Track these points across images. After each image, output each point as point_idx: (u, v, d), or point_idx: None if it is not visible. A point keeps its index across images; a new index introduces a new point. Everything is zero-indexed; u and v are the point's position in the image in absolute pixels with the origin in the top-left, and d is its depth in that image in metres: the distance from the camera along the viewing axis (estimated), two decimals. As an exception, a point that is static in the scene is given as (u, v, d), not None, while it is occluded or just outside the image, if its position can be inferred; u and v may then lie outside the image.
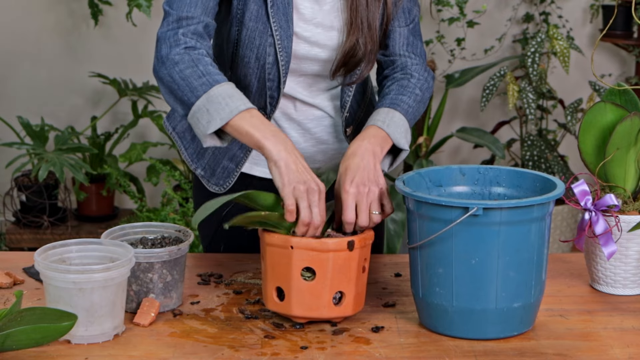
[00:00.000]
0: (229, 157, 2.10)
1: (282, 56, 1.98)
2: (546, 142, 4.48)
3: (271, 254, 1.76)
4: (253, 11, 1.97)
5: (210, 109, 1.83)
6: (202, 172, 2.13)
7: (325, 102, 2.09)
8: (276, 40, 1.98)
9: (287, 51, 1.99)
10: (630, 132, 1.90)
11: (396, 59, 2.09)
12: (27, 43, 4.62)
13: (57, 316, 1.59)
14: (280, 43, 1.98)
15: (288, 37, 1.98)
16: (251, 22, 1.97)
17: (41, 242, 4.23)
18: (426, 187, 1.86)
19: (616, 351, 1.70)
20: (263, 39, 1.98)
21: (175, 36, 1.89)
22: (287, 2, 1.97)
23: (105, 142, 4.54)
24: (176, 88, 1.87)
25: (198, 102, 1.84)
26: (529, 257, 1.72)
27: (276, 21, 1.97)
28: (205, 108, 1.83)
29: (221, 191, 2.11)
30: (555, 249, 4.41)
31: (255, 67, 2.01)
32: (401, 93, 2.03)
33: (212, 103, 1.83)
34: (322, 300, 1.75)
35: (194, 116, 1.85)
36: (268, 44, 1.98)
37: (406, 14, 2.07)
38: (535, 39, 4.43)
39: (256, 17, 1.97)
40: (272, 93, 2.02)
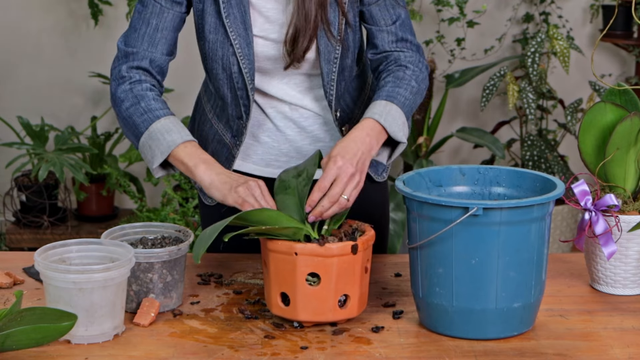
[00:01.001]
0: None
1: (244, 63, 2.00)
2: (546, 142, 4.48)
3: (275, 260, 1.76)
4: (211, 24, 2.00)
5: (152, 145, 1.93)
6: (198, 186, 2.15)
7: (313, 102, 2.09)
8: (236, 48, 1.99)
9: (249, 58, 1.99)
10: (630, 132, 1.90)
11: (388, 54, 2.08)
12: (27, 43, 4.62)
13: (57, 316, 1.59)
14: (241, 50, 1.99)
15: (248, 44, 1.99)
16: (211, 34, 2.01)
17: (41, 242, 4.23)
18: (426, 187, 1.86)
19: (616, 351, 1.70)
20: (225, 49, 2.00)
21: (120, 72, 1.98)
22: (243, 10, 1.98)
23: (105, 142, 4.54)
24: (124, 124, 1.97)
25: (142, 139, 1.95)
26: (529, 257, 1.72)
27: (233, 30, 1.98)
28: (148, 144, 1.94)
29: (213, 203, 2.16)
30: (555, 249, 4.41)
31: (224, 78, 2.03)
32: (397, 85, 2.01)
33: (152, 139, 1.93)
34: (327, 304, 1.75)
35: (141, 151, 1.95)
36: (230, 53, 2.00)
37: (390, 13, 2.06)
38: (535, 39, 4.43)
39: (215, 29, 2.00)
40: (244, 101, 2.04)
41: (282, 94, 2.07)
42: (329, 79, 2.04)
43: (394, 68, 2.06)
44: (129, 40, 1.99)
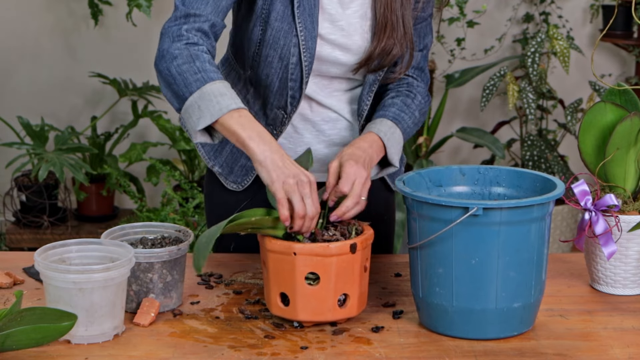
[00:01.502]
0: (246, 155, 2.09)
1: (305, 57, 1.98)
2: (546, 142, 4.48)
3: (273, 261, 1.76)
4: (279, 11, 1.97)
5: (201, 106, 1.83)
6: (219, 169, 2.13)
7: (341, 104, 2.09)
8: (300, 41, 1.97)
9: (311, 52, 1.99)
10: (630, 132, 1.90)
11: (404, 78, 2.12)
12: (27, 43, 4.62)
13: (57, 316, 1.59)
14: (305, 44, 1.98)
15: (312, 38, 1.98)
16: (277, 22, 1.97)
17: (41, 242, 4.23)
18: (426, 187, 1.86)
19: (616, 351, 1.70)
20: (287, 39, 1.98)
21: (179, 31, 1.89)
22: (313, 3, 1.97)
23: (105, 142, 4.54)
24: (172, 82, 1.87)
25: (191, 98, 1.84)
26: (529, 257, 1.72)
27: (302, 22, 1.97)
28: (197, 104, 1.83)
29: (239, 189, 2.12)
30: (555, 249, 4.41)
31: (278, 67, 2.01)
32: (403, 111, 2.06)
33: (203, 100, 1.83)
34: (327, 303, 1.75)
35: (186, 111, 1.85)
36: (292, 44, 1.98)
37: (421, 39, 2.10)
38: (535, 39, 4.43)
39: (282, 18, 1.97)
40: (294, 93, 2.02)
41: (310, 92, 2.06)
42: (369, 89, 2.07)
43: (404, 91, 2.10)
44: (192, 2, 1.91)
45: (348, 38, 2.02)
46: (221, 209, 2.14)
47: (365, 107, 2.08)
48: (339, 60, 2.03)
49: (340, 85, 2.08)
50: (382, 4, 2.01)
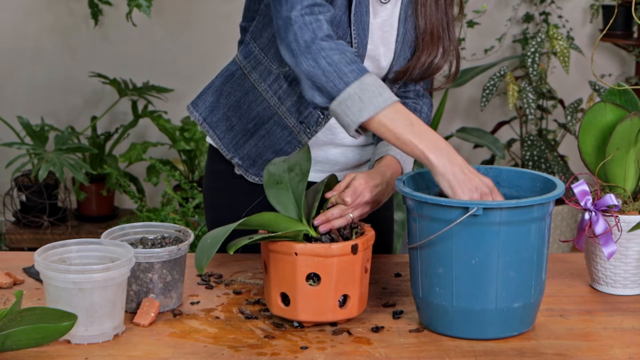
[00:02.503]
0: (274, 150, 2.08)
1: None
2: (546, 142, 4.48)
3: (274, 261, 1.76)
4: (336, 16, 1.93)
5: (363, 97, 1.78)
6: (239, 161, 2.10)
7: None
8: (354, 47, 1.96)
9: (362, 59, 1.98)
10: (630, 132, 1.90)
11: (411, 86, 2.13)
12: (27, 43, 4.62)
13: (57, 316, 1.59)
14: (357, 51, 1.96)
15: (364, 46, 1.97)
16: (333, 27, 1.91)
17: (41, 242, 4.23)
18: (426, 187, 1.86)
19: (616, 351, 1.70)
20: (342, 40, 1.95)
21: (318, 22, 1.82)
22: (365, 10, 1.96)
23: (105, 142, 4.54)
24: (320, 74, 1.80)
25: (349, 89, 1.78)
26: (529, 257, 1.72)
27: (356, 29, 1.96)
28: (358, 95, 1.78)
29: (260, 182, 2.09)
30: (555, 249, 4.41)
31: None
32: None
33: (364, 91, 1.77)
34: (327, 304, 1.75)
35: (342, 103, 1.79)
36: None
37: None
38: (535, 39, 4.43)
39: (338, 23, 1.94)
40: None
41: None
42: None
43: (411, 103, 2.12)
44: None
45: (375, 47, 2.02)
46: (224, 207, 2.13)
47: None
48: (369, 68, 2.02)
49: None
50: (425, 14, 2.00)
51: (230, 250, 1.70)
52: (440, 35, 2.03)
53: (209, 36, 4.64)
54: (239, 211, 2.09)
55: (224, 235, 1.68)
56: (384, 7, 2.02)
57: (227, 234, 1.68)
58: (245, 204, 2.11)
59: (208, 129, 2.13)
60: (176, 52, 4.66)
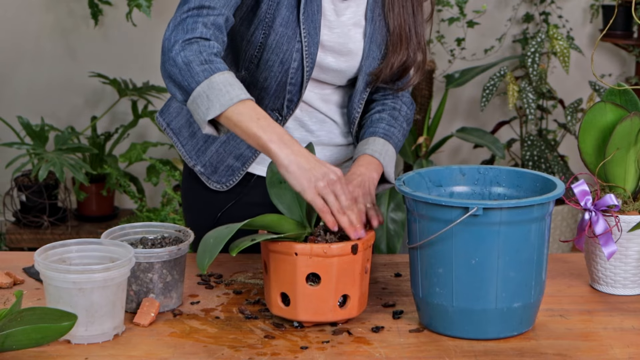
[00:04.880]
0: (235, 155, 2.09)
1: (307, 62, 1.99)
2: (546, 142, 4.48)
3: (275, 261, 1.76)
4: (284, 17, 1.97)
5: (210, 95, 1.80)
6: (201, 169, 2.12)
7: (330, 106, 2.10)
8: (304, 46, 1.98)
9: (313, 58, 1.99)
10: (630, 132, 1.90)
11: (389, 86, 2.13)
12: (27, 43, 4.62)
13: (57, 316, 1.59)
14: (308, 49, 1.98)
15: (315, 44, 1.99)
16: (281, 27, 1.97)
17: (41, 242, 4.23)
18: (426, 187, 1.86)
19: (616, 351, 1.70)
20: (291, 44, 1.98)
21: (195, 24, 1.85)
22: (316, 9, 1.98)
23: (105, 142, 4.54)
24: (177, 72, 1.83)
25: (198, 88, 1.81)
26: (529, 257, 1.72)
27: (306, 28, 1.97)
28: (206, 94, 1.80)
29: (223, 189, 2.10)
30: (555, 249, 4.41)
31: (278, 71, 2.00)
32: (392, 125, 2.09)
33: (212, 89, 1.80)
34: (327, 304, 1.75)
35: (193, 102, 1.82)
36: (295, 49, 1.98)
37: None
38: (535, 39, 4.43)
39: (287, 23, 1.97)
40: (292, 97, 2.02)
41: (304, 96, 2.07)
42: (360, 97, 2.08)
43: (390, 103, 2.13)
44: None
45: (343, 45, 2.04)
46: (200, 207, 2.14)
47: (357, 115, 2.09)
48: (333, 67, 2.04)
49: (331, 89, 2.09)
50: (394, 16, 2.02)
51: (233, 252, 1.70)
52: (409, 36, 2.03)
53: (209, 36, 4.64)
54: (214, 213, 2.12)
55: (227, 235, 1.68)
56: (347, 4, 2.03)
57: (230, 235, 1.68)
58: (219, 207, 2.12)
59: (172, 135, 2.15)
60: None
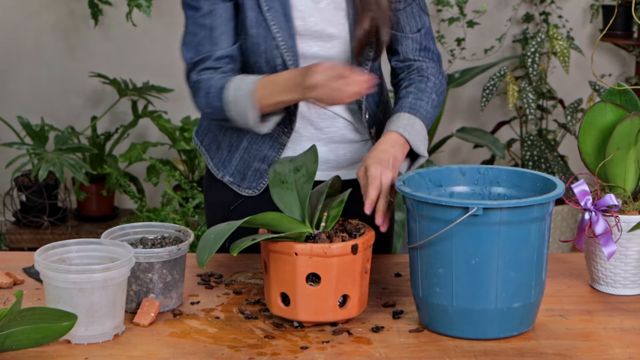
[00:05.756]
0: (259, 159, 2.10)
1: (288, 56, 2.00)
2: (546, 142, 4.48)
3: (275, 260, 1.76)
4: (252, 18, 1.99)
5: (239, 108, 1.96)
6: (230, 178, 2.13)
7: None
8: (279, 41, 1.99)
9: (293, 50, 2.00)
10: (630, 132, 1.90)
11: (411, 63, 2.12)
12: (27, 43, 4.62)
13: (57, 316, 1.59)
14: (284, 43, 1.99)
15: (291, 37, 1.99)
16: (252, 29, 2.00)
17: (41, 242, 4.23)
18: (426, 187, 1.86)
19: (616, 351, 1.70)
20: (267, 43, 2.00)
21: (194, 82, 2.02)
22: (283, 2, 1.99)
23: (105, 142, 4.54)
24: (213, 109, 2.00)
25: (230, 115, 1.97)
26: (529, 257, 1.72)
27: (275, 23, 1.98)
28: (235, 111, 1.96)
29: (255, 193, 2.11)
30: (555, 249, 4.41)
31: (267, 72, 2.02)
32: (419, 98, 2.06)
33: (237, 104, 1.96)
34: (327, 304, 1.75)
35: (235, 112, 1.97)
36: (273, 47, 2.00)
37: (416, 20, 2.10)
38: (535, 39, 4.43)
39: (256, 24, 1.99)
40: None
41: None
42: None
43: (416, 78, 2.10)
44: (190, 50, 2.02)
45: (323, 31, 2.03)
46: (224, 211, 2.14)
47: (362, 100, 2.08)
48: (321, 55, 2.03)
49: None
50: None
51: (233, 252, 1.70)
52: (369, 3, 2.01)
53: (209, 36, 4.64)
54: None
55: (228, 231, 1.68)
56: None
57: (231, 231, 1.68)
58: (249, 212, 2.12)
59: (204, 151, 2.19)
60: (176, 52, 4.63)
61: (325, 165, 2.11)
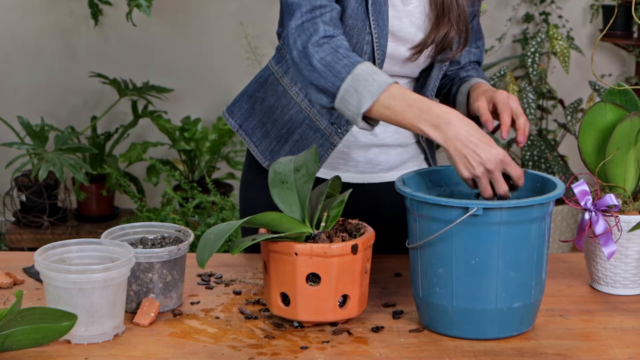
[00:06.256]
0: None
1: (378, 54, 1.97)
2: (546, 142, 4.48)
3: (275, 260, 1.76)
4: (353, 8, 1.95)
5: (358, 88, 1.78)
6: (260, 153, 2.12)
7: None
8: (374, 38, 1.96)
9: (383, 49, 1.97)
10: (630, 132, 1.90)
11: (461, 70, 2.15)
12: (27, 43, 4.62)
13: (57, 316, 1.59)
14: (378, 41, 1.96)
15: (384, 35, 1.96)
16: (350, 19, 1.95)
17: (41, 242, 4.23)
18: (426, 187, 1.86)
19: (616, 351, 1.70)
20: (361, 37, 1.96)
21: (315, 25, 1.84)
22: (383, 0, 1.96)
23: (105, 142, 4.54)
24: (318, 77, 1.82)
25: (344, 85, 1.80)
26: (529, 257, 1.72)
27: (375, 19, 1.95)
28: (354, 88, 1.79)
29: None
30: (555, 249, 4.41)
31: None
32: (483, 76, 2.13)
33: (359, 82, 1.79)
34: (327, 304, 1.75)
35: (342, 100, 1.80)
36: (365, 42, 1.96)
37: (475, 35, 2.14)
38: (535, 39, 4.43)
39: (355, 15, 1.95)
40: None
41: None
42: (434, 85, 2.06)
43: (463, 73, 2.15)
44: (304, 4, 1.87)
45: (411, 34, 2.00)
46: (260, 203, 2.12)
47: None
48: (404, 56, 2.01)
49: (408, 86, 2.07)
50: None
51: (233, 252, 1.70)
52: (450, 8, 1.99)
53: (209, 36, 4.64)
54: None
55: (228, 231, 1.68)
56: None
57: (231, 231, 1.68)
58: None
59: (245, 136, 2.13)
60: (176, 52, 4.66)
61: (377, 167, 2.11)
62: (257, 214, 1.73)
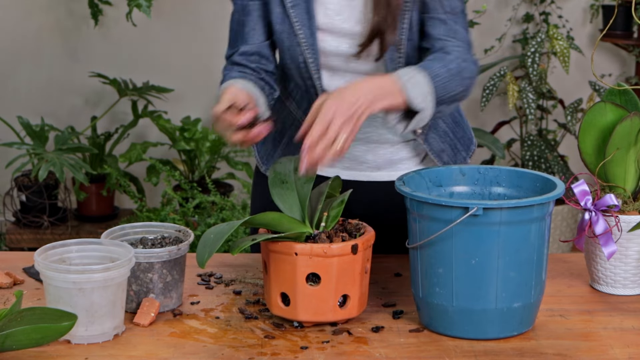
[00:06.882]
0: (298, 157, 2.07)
1: (309, 53, 1.98)
2: (546, 142, 4.48)
3: (275, 260, 1.76)
4: (277, 14, 1.99)
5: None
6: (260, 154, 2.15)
7: None
8: (300, 38, 1.97)
9: (314, 48, 1.98)
10: (630, 132, 1.90)
11: (435, 43, 1.96)
12: (27, 43, 4.62)
13: (57, 316, 1.59)
14: (305, 41, 1.97)
15: (312, 34, 1.97)
16: (277, 25, 1.99)
17: (41, 242, 4.23)
18: (426, 187, 1.86)
19: (616, 351, 1.70)
20: (290, 39, 1.98)
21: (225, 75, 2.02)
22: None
23: (105, 142, 4.54)
24: None
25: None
26: (529, 257, 1.72)
27: (298, 20, 1.97)
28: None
29: None
30: (555, 249, 4.41)
31: (294, 69, 2.01)
32: (433, 61, 1.91)
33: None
34: (327, 304, 1.75)
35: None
36: (296, 43, 1.98)
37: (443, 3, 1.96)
38: (535, 39, 4.43)
39: (281, 20, 1.98)
40: (316, 91, 2.01)
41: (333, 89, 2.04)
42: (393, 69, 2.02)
43: (438, 54, 1.95)
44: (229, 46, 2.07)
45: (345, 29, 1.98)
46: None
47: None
48: (342, 51, 2.00)
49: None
50: None
51: (233, 252, 1.70)
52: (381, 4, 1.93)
53: (209, 36, 4.64)
54: None
55: (228, 231, 1.68)
56: None
57: (231, 231, 1.68)
58: None
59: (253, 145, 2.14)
60: (176, 52, 4.66)
61: (364, 165, 2.10)
62: (257, 214, 1.73)
